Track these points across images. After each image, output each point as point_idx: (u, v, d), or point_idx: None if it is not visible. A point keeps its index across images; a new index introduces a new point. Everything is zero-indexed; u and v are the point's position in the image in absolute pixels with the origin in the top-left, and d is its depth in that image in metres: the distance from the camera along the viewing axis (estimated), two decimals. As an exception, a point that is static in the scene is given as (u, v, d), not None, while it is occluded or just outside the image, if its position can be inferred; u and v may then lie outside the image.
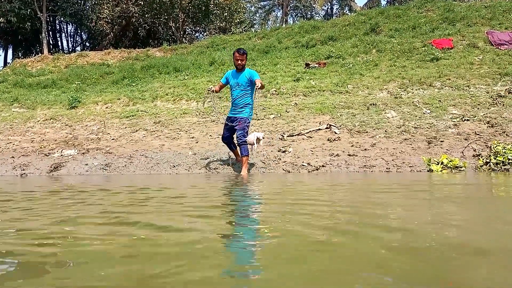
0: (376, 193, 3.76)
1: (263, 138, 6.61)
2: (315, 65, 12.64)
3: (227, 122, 6.55)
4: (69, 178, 6.18)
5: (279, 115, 9.22)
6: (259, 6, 39.45)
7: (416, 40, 13.13)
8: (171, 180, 5.54)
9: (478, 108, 8.47)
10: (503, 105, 8.41)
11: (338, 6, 41.76)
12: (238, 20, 31.70)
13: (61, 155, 7.57)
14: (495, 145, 6.65)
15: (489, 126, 7.59)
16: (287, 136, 8.02)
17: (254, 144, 6.38)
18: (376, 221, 2.17)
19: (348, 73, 11.68)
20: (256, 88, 6.11)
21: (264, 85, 6.26)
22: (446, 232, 1.88)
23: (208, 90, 6.40)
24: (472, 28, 13.00)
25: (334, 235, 1.84)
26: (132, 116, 10.43)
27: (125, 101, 12.02)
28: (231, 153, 7.10)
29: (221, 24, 30.41)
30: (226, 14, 29.26)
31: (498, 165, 6.35)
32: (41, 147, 8.29)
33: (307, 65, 12.76)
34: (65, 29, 31.74)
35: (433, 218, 2.28)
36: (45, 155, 7.74)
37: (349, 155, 7.07)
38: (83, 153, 7.78)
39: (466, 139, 7.25)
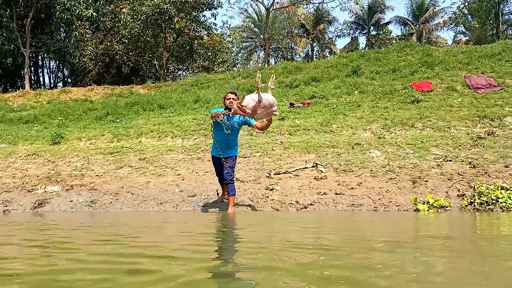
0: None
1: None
2: (300, 104, 12.88)
3: (214, 161, 6.56)
4: (53, 215, 6.02)
5: (265, 153, 9.28)
6: (242, 46, 40.32)
7: (397, 82, 13.57)
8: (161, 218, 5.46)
9: (459, 149, 8.70)
10: (483, 146, 8.66)
11: (318, 48, 43.02)
12: (221, 60, 32.29)
13: (45, 191, 7.39)
14: (479, 186, 6.81)
15: (471, 167, 7.79)
16: (274, 174, 8.05)
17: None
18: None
19: (332, 113, 11.92)
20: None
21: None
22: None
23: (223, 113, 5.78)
24: (450, 72, 13.53)
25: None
26: (117, 152, 10.33)
27: (109, 138, 11.93)
28: (219, 190, 7.06)
29: (204, 63, 30.92)
30: (209, 53, 29.80)
31: (483, 205, 6.47)
32: (23, 183, 8.08)
33: (291, 104, 12.99)
34: (47, 65, 31.63)
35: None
36: (28, 191, 7.55)
37: (336, 193, 7.12)
38: (67, 189, 7.62)
39: (449, 179, 7.40)
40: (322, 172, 8.14)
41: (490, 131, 9.31)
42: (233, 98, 5.97)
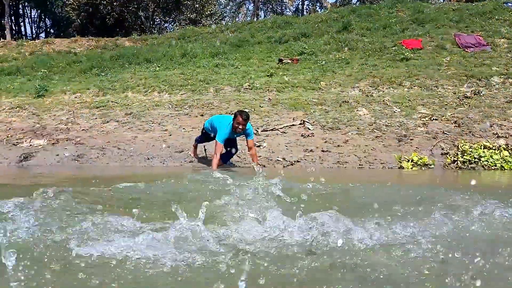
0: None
1: None
2: (288, 61, 12.72)
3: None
4: (40, 169, 6.01)
5: (253, 110, 9.25)
6: (231, -1, 39.21)
7: (387, 39, 13.42)
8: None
9: (445, 108, 8.78)
10: (469, 106, 8.75)
11: (309, 2, 42.02)
12: (209, 12, 31.40)
13: (30, 145, 7.34)
14: (462, 144, 6.93)
15: (456, 126, 7.89)
16: (262, 131, 8.07)
17: None
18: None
19: (321, 70, 11.82)
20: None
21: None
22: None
23: None
24: (440, 30, 13.39)
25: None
26: (103, 106, 10.21)
27: (94, 91, 11.73)
28: (206, 146, 7.07)
29: (191, 16, 30.06)
30: (197, 5, 28.93)
31: (465, 164, 6.63)
32: (7, 136, 8.00)
33: (280, 60, 12.82)
34: (28, 14, 30.49)
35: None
36: (13, 144, 7.49)
37: (323, 151, 7.20)
38: (53, 143, 7.57)
39: (434, 138, 7.51)
40: (309, 129, 8.18)
41: (477, 91, 9.37)
42: (243, 124, 5.70)
